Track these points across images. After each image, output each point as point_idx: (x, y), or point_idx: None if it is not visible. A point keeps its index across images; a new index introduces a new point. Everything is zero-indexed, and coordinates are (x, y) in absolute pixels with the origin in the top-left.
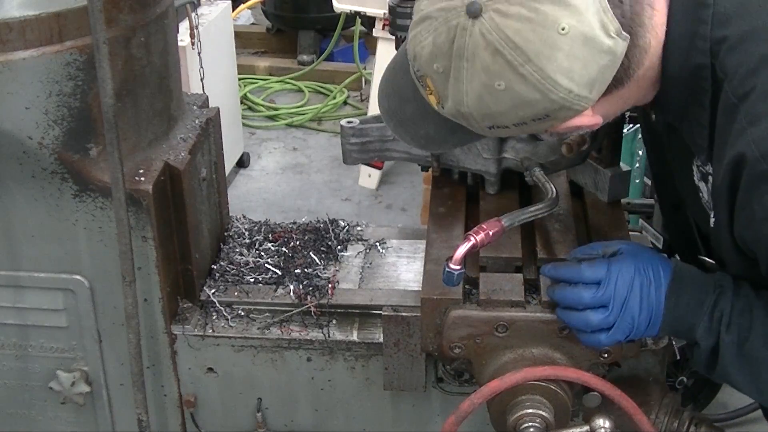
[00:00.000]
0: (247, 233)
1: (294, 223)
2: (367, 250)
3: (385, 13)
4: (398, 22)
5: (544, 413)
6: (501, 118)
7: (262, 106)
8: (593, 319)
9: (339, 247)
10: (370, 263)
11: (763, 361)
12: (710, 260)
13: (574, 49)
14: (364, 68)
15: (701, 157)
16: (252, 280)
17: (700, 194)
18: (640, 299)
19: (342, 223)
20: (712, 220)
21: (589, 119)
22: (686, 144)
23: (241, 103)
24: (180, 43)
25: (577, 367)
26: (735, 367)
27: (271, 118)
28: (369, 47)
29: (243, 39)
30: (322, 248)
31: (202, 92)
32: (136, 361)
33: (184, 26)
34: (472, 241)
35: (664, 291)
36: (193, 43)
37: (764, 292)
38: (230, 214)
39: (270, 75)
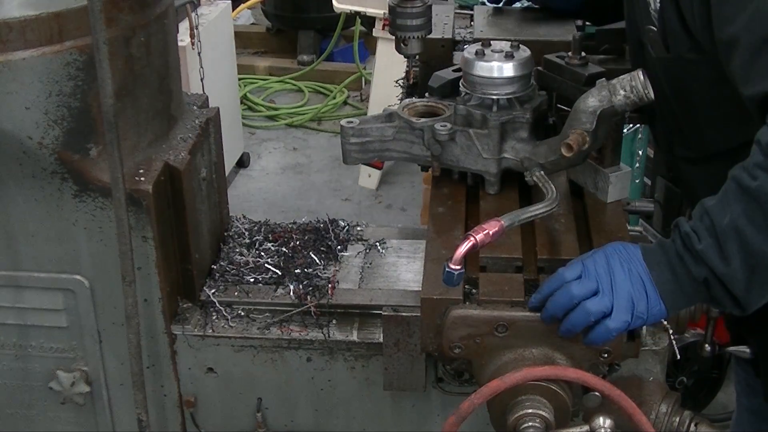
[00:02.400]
0: (247, 233)
1: (294, 223)
2: (367, 250)
3: (385, 13)
4: (398, 22)
5: (544, 413)
6: None
7: (262, 106)
8: (591, 307)
9: (339, 247)
10: (370, 263)
11: (738, 214)
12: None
13: None
14: (364, 68)
15: None
16: (252, 280)
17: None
18: (626, 272)
19: (342, 223)
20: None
21: None
22: None
23: (241, 103)
24: (180, 43)
25: (577, 367)
26: (726, 265)
27: (271, 118)
28: (369, 47)
29: (243, 39)
30: (322, 248)
31: (202, 92)
32: (136, 361)
33: (184, 26)
34: (472, 241)
35: (643, 263)
36: (193, 43)
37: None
38: (230, 214)
39: (270, 75)
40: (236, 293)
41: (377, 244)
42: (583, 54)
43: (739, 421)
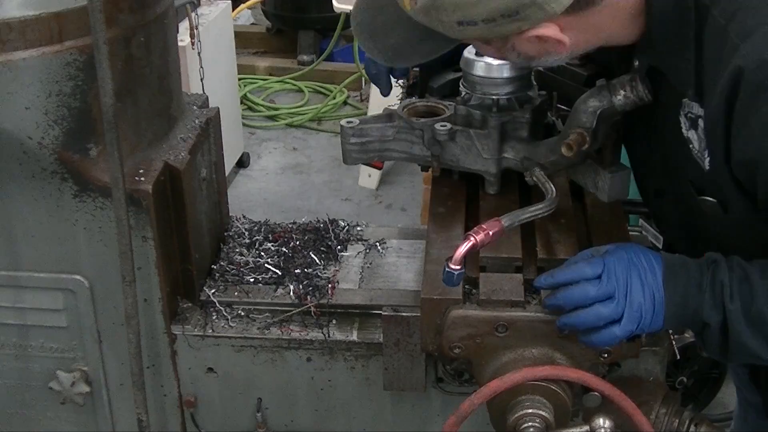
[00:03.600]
0: (247, 233)
1: (294, 223)
2: (367, 250)
3: None
4: None
5: (544, 413)
6: (471, 11)
7: (262, 106)
8: (603, 312)
9: (339, 247)
10: (370, 263)
11: None
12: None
13: None
14: (364, 68)
15: (689, 94)
16: (252, 280)
17: (691, 146)
18: (642, 285)
19: (342, 223)
20: (707, 162)
21: (556, 34)
22: (671, 94)
23: (241, 103)
24: (180, 43)
25: (577, 367)
26: (747, 335)
27: (271, 118)
28: None
29: (243, 39)
30: (322, 248)
31: (202, 92)
32: (136, 361)
33: (184, 26)
34: (472, 241)
35: (660, 277)
36: (193, 43)
37: (755, 261)
38: (230, 214)
39: (270, 75)
40: (236, 293)
41: (377, 244)
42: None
43: (743, 416)
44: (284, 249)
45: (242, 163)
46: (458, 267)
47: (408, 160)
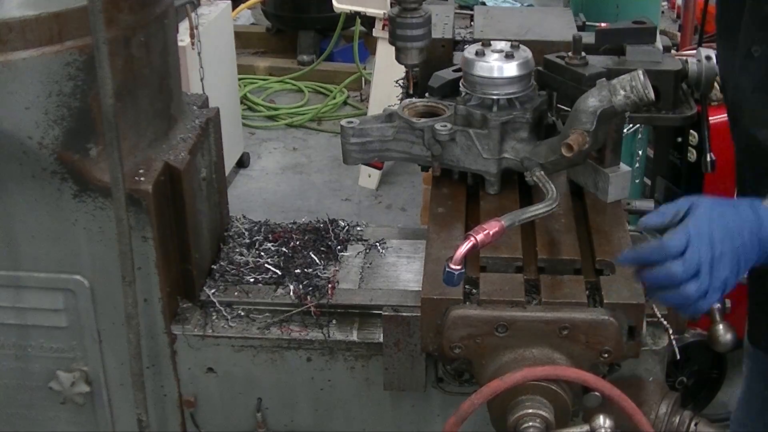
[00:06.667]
0: (247, 233)
1: (294, 223)
2: (367, 250)
3: (385, 13)
4: (398, 32)
5: (544, 413)
6: None
7: (262, 106)
8: (690, 292)
9: (339, 247)
10: (370, 263)
11: None
12: None
13: None
14: (364, 68)
15: None
16: (252, 280)
17: None
18: (729, 264)
19: (342, 223)
20: None
21: None
22: None
23: (241, 103)
24: (180, 43)
25: (577, 367)
26: None
27: (271, 118)
28: (369, 47)
29: (243, 39)
30: (322, 248)
31: (202, 92)
32: (136, 361)
33: (184, 26)
34: (473, 241)
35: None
36: (193, 43)
37: None
38: (230, 214)
39: (270, 75)
40: (236, 293)
41: (377, 244)
42: (583, 54)
43: (749, 405)
44: (284, 249)
45: (242, 163)
46: (458, 267)
47: (408, 160)
